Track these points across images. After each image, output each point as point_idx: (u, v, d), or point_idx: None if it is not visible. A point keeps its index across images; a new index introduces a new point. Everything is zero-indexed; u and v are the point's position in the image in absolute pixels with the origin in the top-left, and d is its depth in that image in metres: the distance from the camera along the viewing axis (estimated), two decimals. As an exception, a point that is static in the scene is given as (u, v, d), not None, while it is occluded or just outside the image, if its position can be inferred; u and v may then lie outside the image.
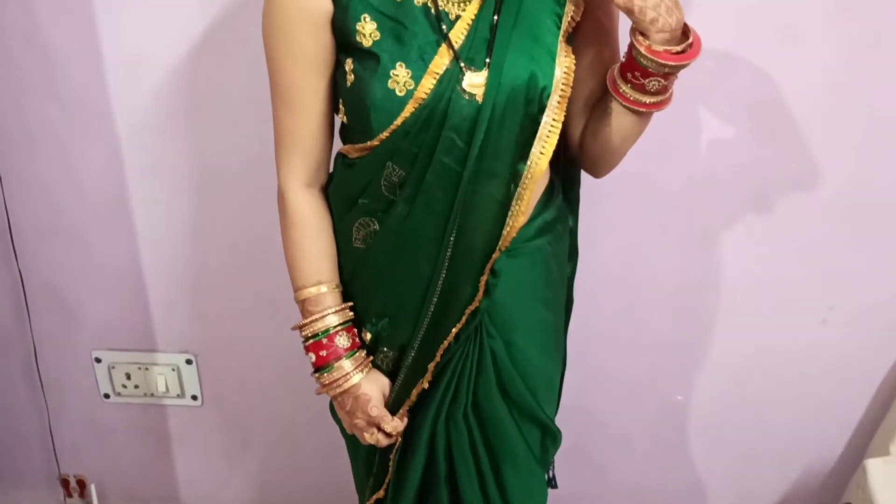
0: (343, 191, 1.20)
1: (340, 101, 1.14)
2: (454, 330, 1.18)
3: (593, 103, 1.19)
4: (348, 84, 1.09)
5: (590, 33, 1.15)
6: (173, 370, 1.90)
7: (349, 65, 1.09)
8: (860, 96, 1.50)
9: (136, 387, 1.93)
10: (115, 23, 1.52)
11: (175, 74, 1.55)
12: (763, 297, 1.70)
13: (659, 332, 1.77)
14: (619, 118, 1.14)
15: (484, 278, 1.16)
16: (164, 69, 1.55)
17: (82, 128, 1.62)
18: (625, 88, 1.09)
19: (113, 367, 1.90)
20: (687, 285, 1.72)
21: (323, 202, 1.22)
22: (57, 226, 1.74)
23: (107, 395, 1.95)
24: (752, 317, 1.73)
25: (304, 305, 1.21)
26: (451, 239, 1.13)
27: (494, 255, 1.16)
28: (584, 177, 1.32)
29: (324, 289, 1.20)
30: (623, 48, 1.10)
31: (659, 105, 1.11)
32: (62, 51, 1.55)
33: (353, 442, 1.35)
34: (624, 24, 1.09)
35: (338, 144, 1.21)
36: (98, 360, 1.90)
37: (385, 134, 1.08)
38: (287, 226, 1.21)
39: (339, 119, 1.18)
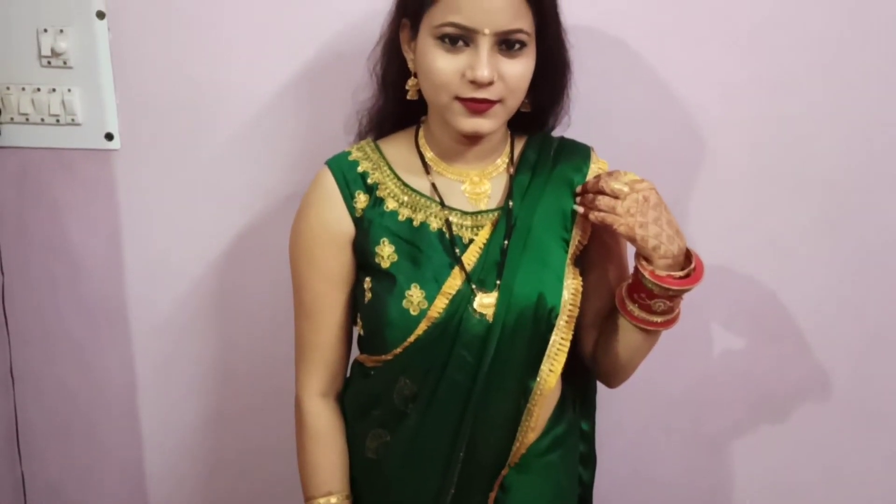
0: (358, 400, 1.23)
1: (359, 314, 1.19)
2: None
3: (603, 318, 1.24)
4: (366, 301, 1.15)
5: (598, 254, 1.22)
6: (169, 576, 1.83)
7: (368, 283, 1.15)
8: (855, 304, 1.55)
9: None
10: (141, 232, 1.60)
11: (194, 281, 1.62)
12: (773, 502, 1.68)
13: (670, 539, 1.73)
14: (628, 335, 1.18)
15: (493, 494, 1.17)
16: (186, 276, 1.62)
17: (99, 330, 1.66)
18: (632, 307, 1.14)
19: (106, 574, 1.84)
20: (696, 490, 1.70)
21: (337, 412, 1.24)
22: (65, 427, 1.74)
23: None
24: (765, 524, 1.70)
25: None
26: (461, 453, 1.14)
27: (504, 471, 1.16)
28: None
29: (333, 500, 1.20)
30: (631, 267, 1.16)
31: (666, 324, 1.15)
32: (87, 259, 1.62)
33: None
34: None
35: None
36: (92, 566, 1.84)
37: (398, 350, 1.13)
38: (301, 434, 1.23)
39: (357, 331, 1.22)
